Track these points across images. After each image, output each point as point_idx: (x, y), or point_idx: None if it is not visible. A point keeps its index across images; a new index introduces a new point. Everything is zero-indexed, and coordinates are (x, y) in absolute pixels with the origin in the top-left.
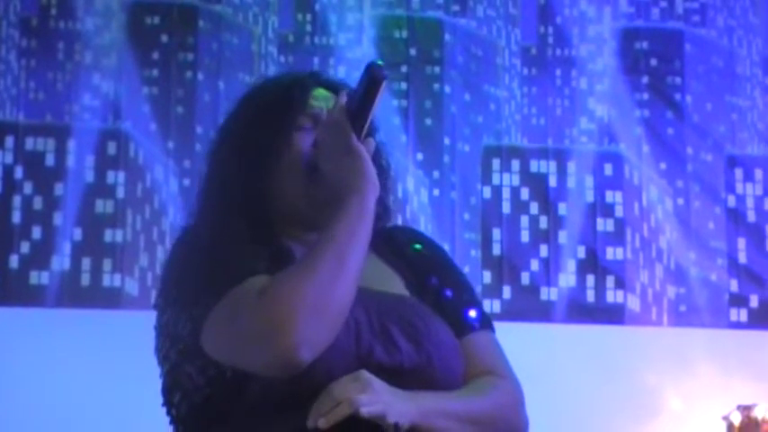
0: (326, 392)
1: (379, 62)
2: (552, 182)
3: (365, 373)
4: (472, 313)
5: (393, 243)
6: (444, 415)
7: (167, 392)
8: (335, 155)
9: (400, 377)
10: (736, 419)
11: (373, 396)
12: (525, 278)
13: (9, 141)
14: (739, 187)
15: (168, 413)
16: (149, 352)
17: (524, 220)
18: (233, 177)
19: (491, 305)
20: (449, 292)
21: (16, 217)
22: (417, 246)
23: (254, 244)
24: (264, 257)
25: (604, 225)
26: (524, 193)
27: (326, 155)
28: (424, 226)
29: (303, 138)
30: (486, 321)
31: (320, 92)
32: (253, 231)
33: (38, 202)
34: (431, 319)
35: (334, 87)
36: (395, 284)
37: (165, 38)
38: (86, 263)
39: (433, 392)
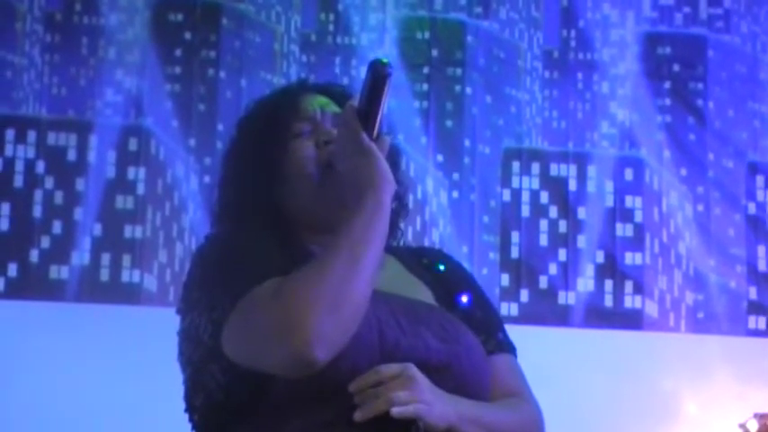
0: (372, 375)
1: (384, 60)
2: (572, 186)
3: (412, 369)
4: (499, 335)
5: (423, 260)
6: (480, 424)
7: (190, 396)
8: (348, 155)
9: (428, 374)
10: (753, 427)
11: (413, 395)
12: (543, 282)
13: (31, 136)
14: (760, 194)
15: (190, 419)
16: (167, 348)
17: (543, 223)
18: (245, 197)
19: (508, 308)
20: (478, 313)
21: (37, 211)
22: (446, 266)
23: (275, 248)
24: (283, 261)
25: (623, 230)
26: (544, 197)
27: (340, 156)
28: (443, 228)
29: (302, 143)
30: (511, 346)
31: (313, 97)
32: (274, 237)
33: (59, 197)
34: (460, 325)
35: (327, 91)
36: (425, 296)
37: (188, 35)
38: (106, 258)
39: (471, 400)
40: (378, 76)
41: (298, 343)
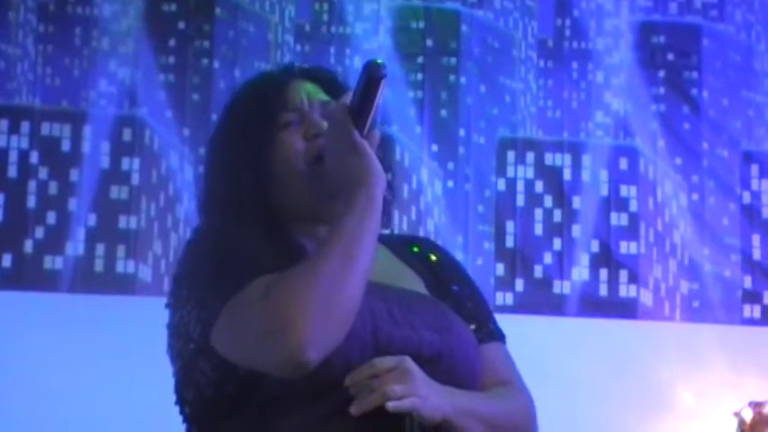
0: (368, 368)
1: (378, 61)
2: (567, 175)
3: (407, 362)
4: (490, 324)
5: (413, 248)
6: (474, 415)
7: (180, 390)
8: (339, 152)
9: (422, 365)
10: (748, 416)
11: (408, 388)
12: (538, 271)
13: (25, 126)
14: (755, 183)
15: (181, 412)
16: (162, 338)
17: (538, 212)
18: (232, 189)
19: (503, 298)
20: (468, 302)
21: (31, 202)
22: (437, 255)
23: (265, 242)
24: (274, 256)
25: (618, 219)
26: (539, 186)
27: (330, 153)
28: (438, 217)
29: (290, 135)
30: (501, 334)
31: (300, 84)
32: (263, 231)
33: (53, 188)
34: (452, 315)
35: (315, 76)
36: (416, 285)
37: (181, 25)
38: (100, 249)
39: (465, 392)
40: (372, 77)
41: (289, 344)
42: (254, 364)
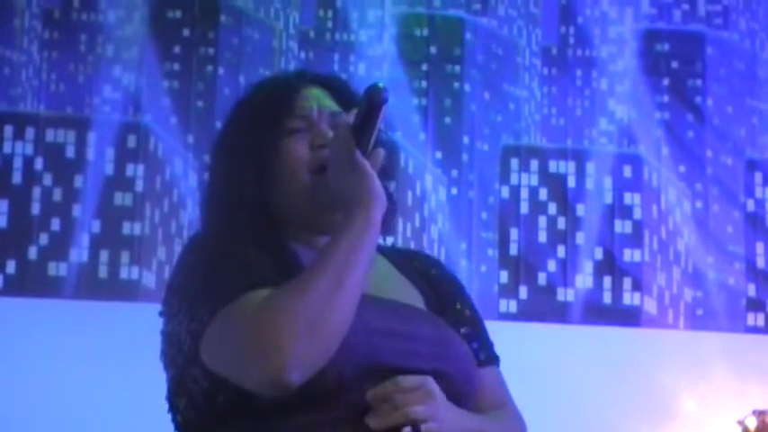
0: (392, 386)
1: (380, 85)
2: (571, 182)
3: (430, 383)
4: (487, 347)
5: (414, 263)
6: None
7: (173, 397)
8: (341, 171)
9: None
10: (752, 424)
11: (430, 409)
12: (542, 278)
13: (30, 133)
14: (759, 191)
15: (173, 420)
16: None
17: (542, 220)
18: (233, 190)
19: (507, 305)
20: (468, 324)
21: (35, 208)
22: (438, 271)
23: (259, 252)
24: (268, 267)
25: (622, 227)
26: (542, 194)
27: (332, 171)
28: (442, 224)
29: (296, 142)
30: (497, 358)
31: (309, 90)
32: (259, 238)
33: (57, 194)
34: (450, 332)
35: (325, 83)
36: (415, 300)
37: (186, 32)
38: (104, 255)
39: (473, 414)
40: (374, 102)
41: (272, 366)
42: (237, 379)
